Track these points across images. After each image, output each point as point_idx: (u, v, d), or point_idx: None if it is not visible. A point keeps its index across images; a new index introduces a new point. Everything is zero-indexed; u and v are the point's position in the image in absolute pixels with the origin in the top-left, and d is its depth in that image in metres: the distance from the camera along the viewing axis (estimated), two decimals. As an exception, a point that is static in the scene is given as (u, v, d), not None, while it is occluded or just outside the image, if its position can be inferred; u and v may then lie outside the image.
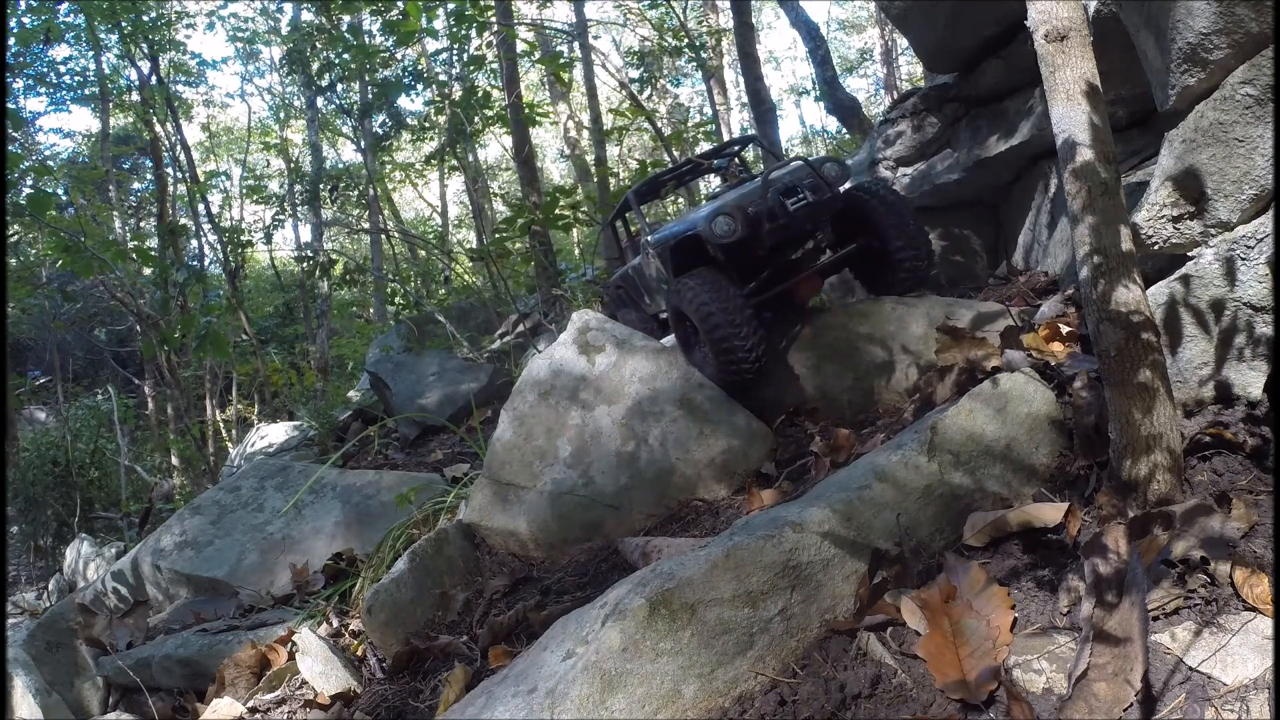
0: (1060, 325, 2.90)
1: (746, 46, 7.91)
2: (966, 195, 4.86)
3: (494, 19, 8.71)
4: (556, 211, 7.20)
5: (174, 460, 11.24)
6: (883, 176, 5.24)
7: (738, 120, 18.18)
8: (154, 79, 11.16)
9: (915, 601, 1.86)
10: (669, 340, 3.73)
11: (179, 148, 11.42)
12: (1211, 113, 2.15)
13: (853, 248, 3.60)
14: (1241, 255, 2.15)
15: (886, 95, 18.99)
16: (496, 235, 8.00)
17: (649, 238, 3.95)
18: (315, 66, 11.06)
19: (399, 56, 11.18)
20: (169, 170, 12.65)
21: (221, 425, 11.05)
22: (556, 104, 13.80)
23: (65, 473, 8.56)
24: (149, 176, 16.07)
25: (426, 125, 12.54)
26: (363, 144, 13.23)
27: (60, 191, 11.69)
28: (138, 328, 9.89)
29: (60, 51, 12.86)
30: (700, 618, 1.81)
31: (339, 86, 11.84)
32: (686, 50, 11.10)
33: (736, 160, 4.77)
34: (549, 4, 13.17)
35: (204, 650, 3.26)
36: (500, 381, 5.75)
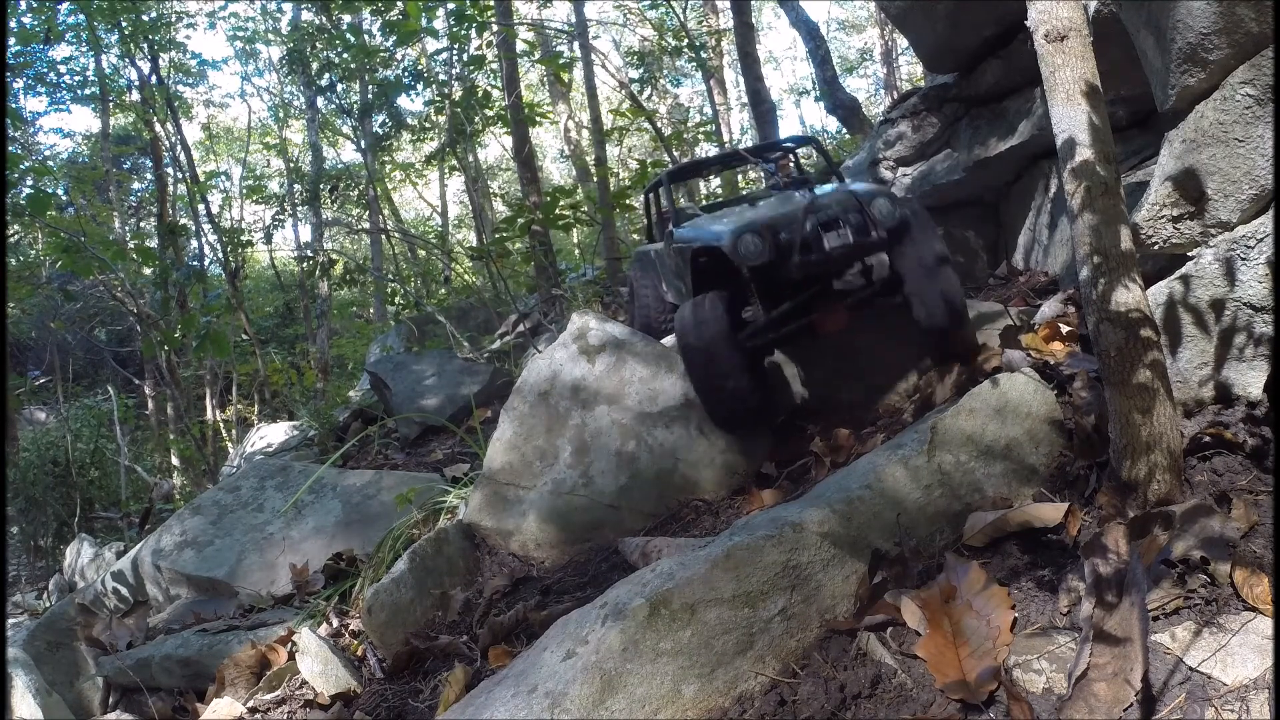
0: (1060, 325, 2.91)
1: (746, 46, 7.92)
2: (966, 195, 4.86)
3: (494, 19, 8.71)
4: (556, 211, 7.19)
5: (174, 460, 11.24)
6: (883, 177, 5.24)
7: (738, 120, 18.19)
8: (154, 79, 11.16)
9: (915, 601, 1.86)
10: (669, 340, 3.73)
11: (179, 148, 11.41)
12: (1211, 113, 2.15)
13: (877, 286, 3.26)
14: (1241, 255, 2.15)
15: (886, 95, 18.98)
16: (496, 235, 7.99)
17: (674, 230, 3.79)
18: (315, 66, 11.07)
19: (399, 56, 11.18)
20: (169, 170, 12.66)
21: (221, 425, 11.04)
22: (556, 104, 13.80)
23: (65, 473, 8.55)
24: (149, 176, 16.06)
25: (426, 125, 12.54)
26: (363, 144, 13.24)
27: (60, 191, 11.69)
28: (138, 328, 9.88)
29: (60, 51, 12.86)
30: (700, 618, 1.81)
31: (339, 86, 11.85)
32: (686, 50, 11.11)
33: (789, 160, 4.53)
34: (549, 4, 13.17)
35: (204, 650, 3.26)
36: (500, 381, 5.75)
